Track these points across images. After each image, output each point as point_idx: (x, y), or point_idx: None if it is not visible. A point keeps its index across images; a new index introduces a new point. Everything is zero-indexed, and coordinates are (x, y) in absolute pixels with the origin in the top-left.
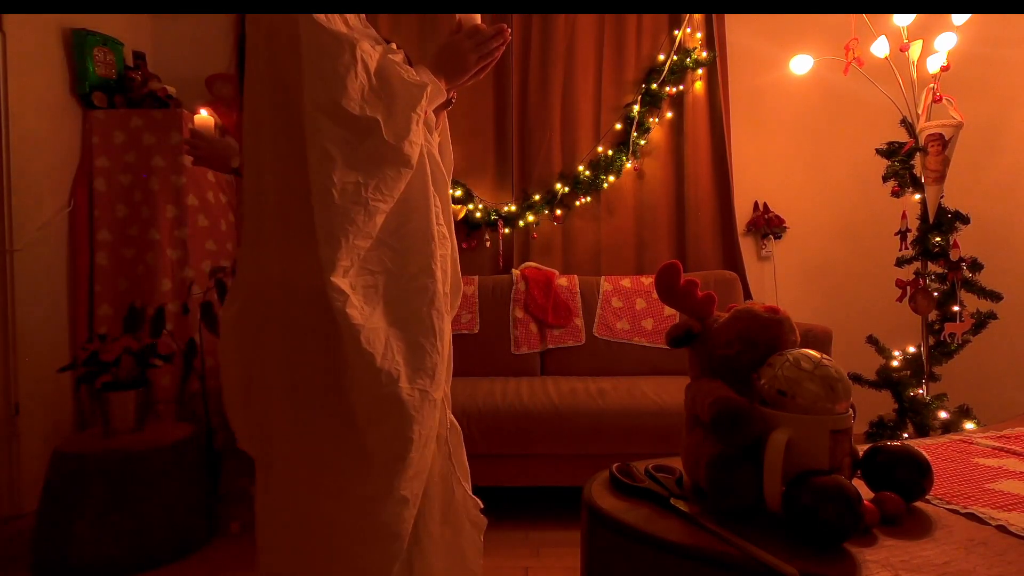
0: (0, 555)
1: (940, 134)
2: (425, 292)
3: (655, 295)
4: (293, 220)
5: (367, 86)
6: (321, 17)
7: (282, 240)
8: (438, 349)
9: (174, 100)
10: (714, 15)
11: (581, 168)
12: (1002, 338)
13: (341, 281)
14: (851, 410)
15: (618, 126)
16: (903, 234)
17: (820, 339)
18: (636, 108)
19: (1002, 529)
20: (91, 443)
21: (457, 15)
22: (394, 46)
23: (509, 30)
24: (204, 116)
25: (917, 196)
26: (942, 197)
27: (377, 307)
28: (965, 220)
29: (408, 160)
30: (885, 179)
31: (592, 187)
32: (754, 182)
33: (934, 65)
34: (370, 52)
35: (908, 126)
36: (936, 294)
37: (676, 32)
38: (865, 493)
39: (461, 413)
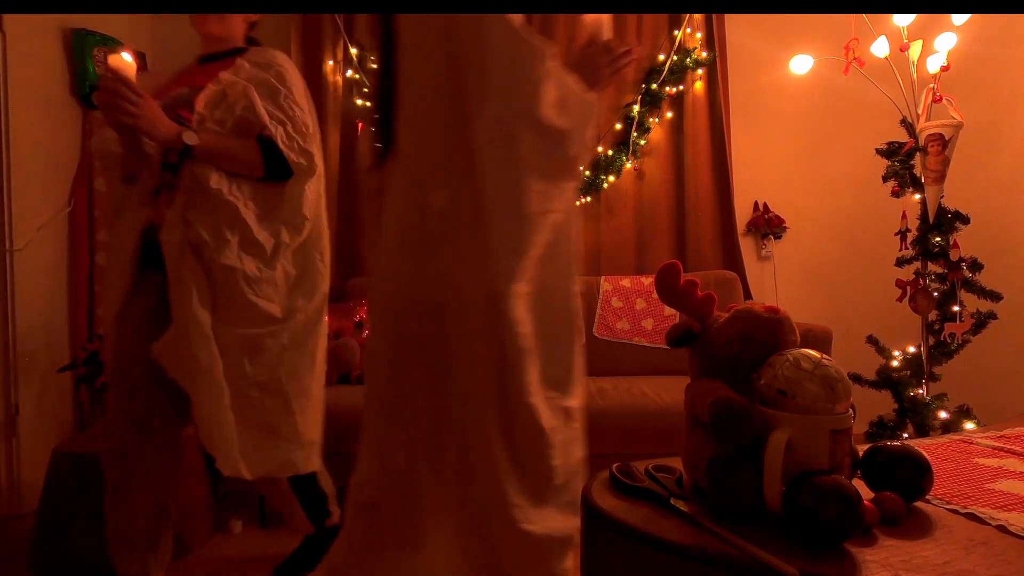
0: (0, 555)
1: (940, 134)
2: (566, 310)
3: (655, 295)
4: (464, 228)
5: (557, 97)
6: (513, 18)
7: (448, 248)
8: (572, 365)
9: None
10: (714, 15)
11: (581, 168)
12: (1002, 338)
13: (519, 288)
14: (851, 410)
15: (618, 126)
16: (903, 234)
17: (820, 339)
18: (636, 108)
19: (1002, 529)
20: (91, 443)
21: (586, 25)
22: None
23: (636, 48)
24: (125, 58)
25: (917, 196)
26: (942, 197)
27: (528, 319)
28: (965, 220)
29: (580, 175)
30: (885, 179)
31: (592, 187)
32: (754, 182)
33: (934, 65)
34: (556, 62)
35: (908, 126)
36: (936, 294)
37: (676, 32)
38: (865, 493)
39: None
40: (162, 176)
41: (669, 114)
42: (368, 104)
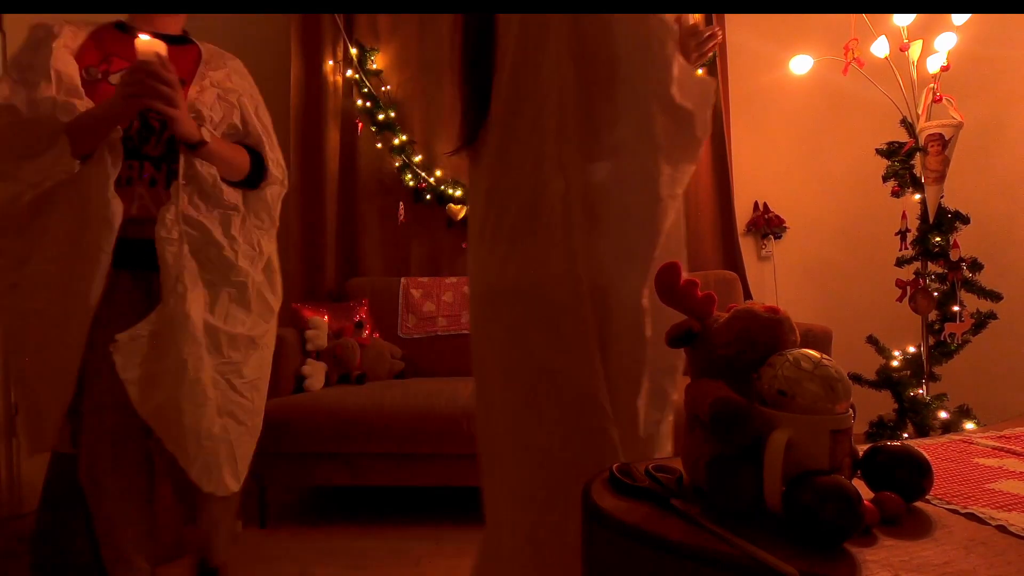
0: (0, 555)
1: (940, 134)
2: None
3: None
4: (586, 214)
5: (679, 77)
6: None
7: (564, 235)
8: (680, 354)
9: None
10: (714, 15)
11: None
12: (1002, 338)
13: (648, 276)
14: (851, 410)
15: None
16: (903, 234)
17: (820, 339)
18: None
19: (1002, 529)
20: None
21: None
22: None
23: (720, 32)
24: (150, 40)
25: (917, 196)
26: (942, 197)
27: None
28: (965, 220)
29: (697, 158)
30: (885, 179)
31: None
32: (754, 182)
33: (934, 65)
34: None
35: (908, 126)
36: (936, 294)
37: None
38: (865, 493)
39: (461, 413)
40: (130, 167)
41: None
42: (368, 104)
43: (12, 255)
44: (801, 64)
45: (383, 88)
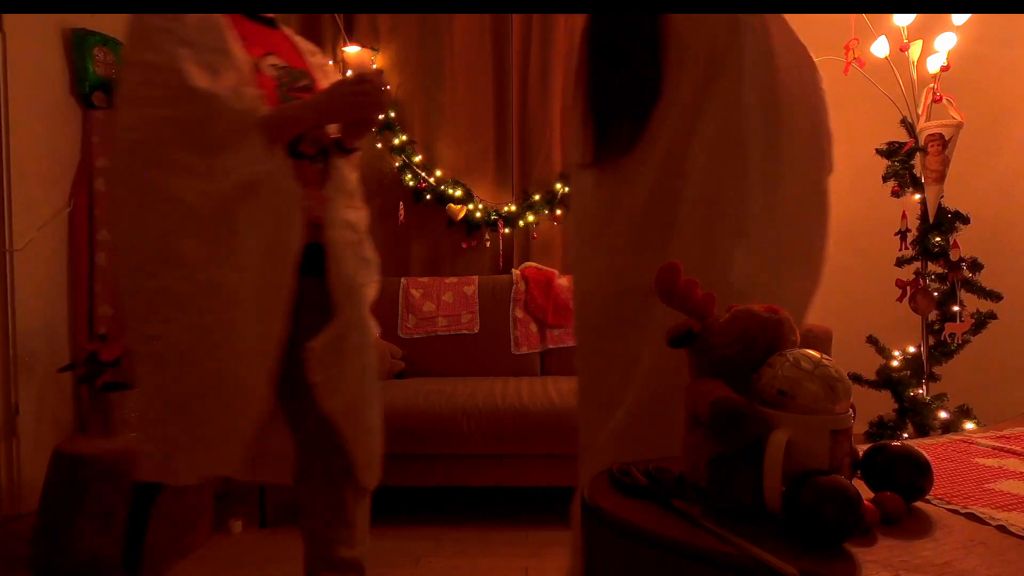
0: (0, 555)
1: (940, 134)
2: None
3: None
4: (704, 216)
5: None
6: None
7: (691, 239)
8: None
9: None
10: None
11: None
12: (1002, 338)
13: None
14: (851, 410)
15: None
16: (903, 234)
17: (820, 339)
18: None
19: (1002, 529)
20: (91, 443)
21: None
22: None
23: None
24: (360, 51)
25: (917, 196)
26: (942, 197)
27: None
28: (965, 220)
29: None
30: (885, 179)
31: None
32: None
33: (934, 65)
34: None
35: (908, 126)
36: (936, 294)
37: None
38: (865, 493)
39: (461, 413)
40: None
41: None
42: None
43: (195, 259)
44: None
45: (383, 88)
